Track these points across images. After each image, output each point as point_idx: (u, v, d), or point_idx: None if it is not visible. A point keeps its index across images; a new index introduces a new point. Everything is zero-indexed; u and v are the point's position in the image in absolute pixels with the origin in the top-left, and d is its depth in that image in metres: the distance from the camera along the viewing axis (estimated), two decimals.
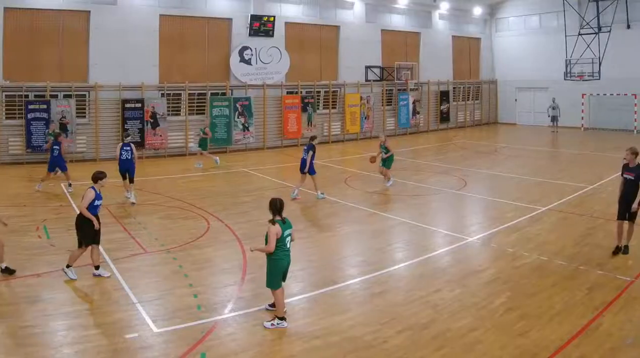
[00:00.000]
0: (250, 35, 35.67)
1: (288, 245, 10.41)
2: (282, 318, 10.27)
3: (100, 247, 13.11)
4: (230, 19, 35.25)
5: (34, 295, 11.39)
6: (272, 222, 10.26)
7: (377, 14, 42.00)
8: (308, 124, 37.85)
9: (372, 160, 23.60)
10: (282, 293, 10.47)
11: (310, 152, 20.57)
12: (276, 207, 10.32)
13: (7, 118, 29.03)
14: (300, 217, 18.43)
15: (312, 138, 21.29)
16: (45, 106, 29.33)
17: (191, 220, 17.90)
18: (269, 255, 10.35)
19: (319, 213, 19.09)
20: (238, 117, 34.95)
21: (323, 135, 38.83)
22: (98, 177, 12.89)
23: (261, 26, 35.86)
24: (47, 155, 28.71)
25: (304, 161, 20.68)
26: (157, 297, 11.48)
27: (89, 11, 30.72)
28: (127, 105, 31.46)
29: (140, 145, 30.96)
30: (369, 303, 11.24)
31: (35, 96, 29.75)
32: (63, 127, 29.56)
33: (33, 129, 29.01)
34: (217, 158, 29.17)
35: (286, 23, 37.37)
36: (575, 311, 10.76)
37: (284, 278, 10.55)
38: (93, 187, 12.78)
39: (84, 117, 30.99)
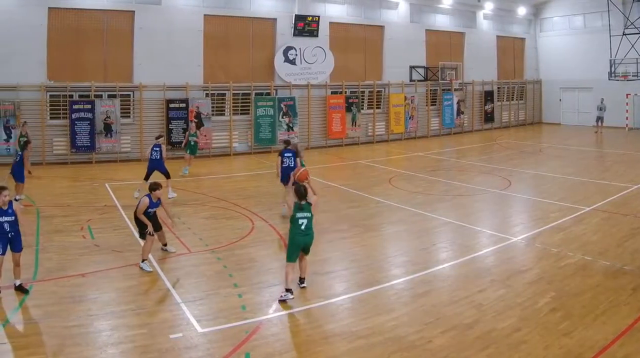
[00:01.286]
0: (294, 35, 33.91)
1: (303, 227, 10.91)
2: (288, 290, 10.81)
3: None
4: (274, 19, 33.49)
5: (79, 295, 11.01)
6: (295, 205, 11.12)
7: (421, 14, 39.79)
8: (352, 123, 35.87)
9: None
10: (291, 268, 10.94)
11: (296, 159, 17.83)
12: (300, 193, 11.12)
13: (51, 118, 27.70)
14: (345, 217, 17.47)
15: (288, 142, 18.84)
16: (89, 106, 27.92)
17: (235, 220, 17.17)
18: (289, 233, 11.20)
19: (363, 213, 18.00)
20: (282, 117, 33.21)
21: (367, 135, 37.04)
22: (153, 188, 12.93)
23: (305, 26, 34.07)
24: (93, 155, 27.73)
25: (289, 169, 17.14)
26: (202, 297, 11.07)
27: (134, 11, 29.30)
28: (172, 105, 29.99)
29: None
30: (413, 304, 10.76)
31: (80, 96, 28.33)
32: (107, 127, 28.23)
33: (78, 129, 27.61)
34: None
35: (330, 23, 35.44)
36: (619, 311, 10.34)
37: (306, 252, 11.26)
38: (149, 196, 12.83)
39: (129, 117, 29.55)
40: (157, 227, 13.21)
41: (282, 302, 10.71)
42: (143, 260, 12.68)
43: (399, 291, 11.45)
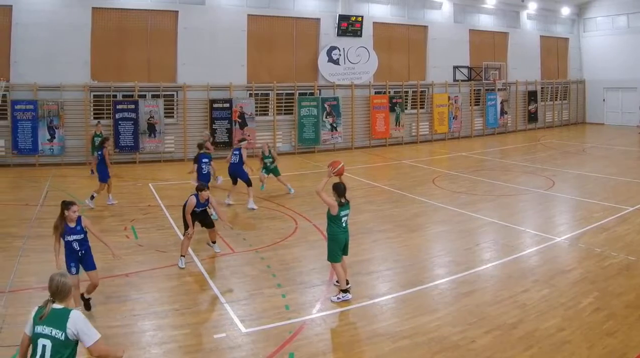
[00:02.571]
0: (338, 35, 31.79)
1: (344, 224, 10.39)
2: (346, 291, 10.32)
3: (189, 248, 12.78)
4: (318, 19, 31.45)
5: (123, 295, 10.62)
6: (338, 203, 10.35)
7: (465, 14, 37.24)
8: (396, 124, 33.66)
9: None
10: (342, 267, 10.44)
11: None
12: (340, 190, 10.41)
13: (95, 118, 26.06)
14: (388, 217, 16.64)
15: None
16: (133, 106, 26.34)
17: (279, 220, 16.45)
18: (328, 232, 10.51)
19: (407, 213, 17.10)
20: (326, 117, 31.20)
21: (411, 135, 34.78)
22: (200, 188, 12.41)
23: (349, 26, 31.95)
24: (136, 155, 26.13)
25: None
26: (245, 296, 10.64)
27: (177, 11, 27.62)
28: (215, 105, 28.26)
29: (228, 145, 27.98)
30: (457, 303, 10.24)
31: (123, 96, 26.72)
32: (151, 127, 26.60)
33: (121, 129, 26.02)
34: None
35: (374, 23, 33.18)
36: None
37: (345, 252, 10.55)
38: (196, 195, 12.33)
39: (172, 117, 27.90)
40: (210, 224, 12.83)
41: (342, 301, 10.24)
42: (181, 256, 12.25)
43: (443, 291, 10.92)
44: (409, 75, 35.01)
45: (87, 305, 9.81)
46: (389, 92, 33.70)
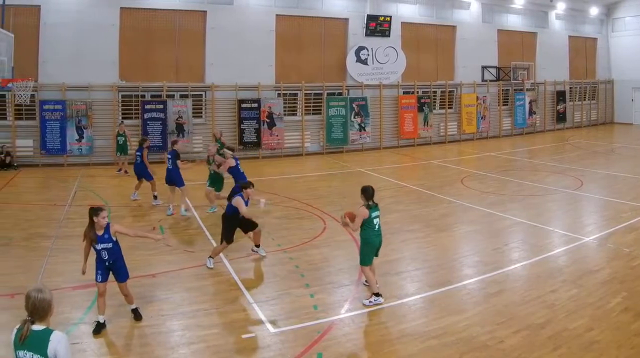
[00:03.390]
0: (366, 35, 30.25)
1: (377, 227, 9.87)
2: (378, 295, 9.88)
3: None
4: (346, 19, 29.90)
5: (150, 295, 10.20)
6: (367, 206, 9.79)
7: (493, 14, 35.37)
8: (424, 123, 32.01)
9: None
10: (372, 271, 10.09)
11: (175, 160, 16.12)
12: (369, 193, 9.93)
13: (123, 118, 24.83)
14: (417, 217, 15.99)
15: (174, 142, 16.83)
16: (161, 106, 25.05)
17: (307, 220, 15.77)
18: (361, 236, 9.99)
19: (435, 213, 16.42)
20: (354, 117, 29.69)
21: (439, 135, 33.09)
22: (244, 186, 11.77)
23: (377, 26, 30.40)
24: (165, 155, 24.90)
25: (170, 170, 16.10)
26: (274, 297, 10.24)
27: (205, 11, 26.31)
28: (244, 105, 26.91)
29: (256, 145, 26.89)
30: (485, 304, 9.88)
31: (152, 96, 25.45)
32: (179, 128, 25.38)
33: (150, 129, 24.77)
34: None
35: (402, 23, 31.53)
36: None
37: (376, 254, 10.16)
38: (241, 195, 11.53)
39: (201, 117, 26.55)
40: (252, 225, 12.03)
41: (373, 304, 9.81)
42: (210, 257, 11.70)
43: (471, 291, 10.49)
44: (437, 75, 33.31)
45: (138, 316, 9.14)
46: (417, 92, 32.08)
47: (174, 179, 15.97)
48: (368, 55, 30.41)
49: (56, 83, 23.49)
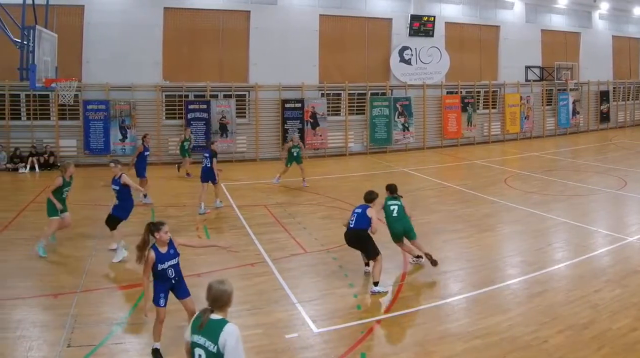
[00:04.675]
0: (410, 35, 27.48)
1: (395, 213, 9.93)
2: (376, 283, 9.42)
3: (260, 247, 11.91)
4: (390, 19, 27.19)
5: (194, 295, 8.22)
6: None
7: (536, 14, 32.10)
8: (468, 124, 29.12)
9: None
10: (416, 245, 10.37)
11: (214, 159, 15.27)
12: (392, 188, 10.20)
13: (167, 118, 22.78)
14: (460, 217, 14.78)
15: (212, 142, 16.39)
16: (205, 106, 22.87)
17: None
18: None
19: (478, 213, 15.16)
20: (398, 117, 27.02)
21: (483, 135, 30.07)
22: (372, 198, 10.20)
23: (421, 26, 27.63)
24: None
25: (207, 169, 15.24)
26: (317, 297, 9.40)
27: (249, 11, 24.03)
28: (287, 105, 24.56)
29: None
30: (529, 304, 9.01)
31: (195, 96, 23.25)
32: (223, 128, 23.22)
33: (193, 129, 22.59)
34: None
35: (446, 23, 28.66)
36: None
37: (410, 237, 10.40)
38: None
39: (244, 117, 24.25)
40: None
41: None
42: (375, 283, 9.59)
43: (515, 291, 9.76)
44: (481, 75, 30.21)
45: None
46: (461, 92, 29.16)
47: (210, 177, 15.07)
48: (412, 55, 27.69)
49: (100, 83, 21.51)
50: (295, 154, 18.47)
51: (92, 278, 10.02)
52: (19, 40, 14.49)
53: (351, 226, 9.93)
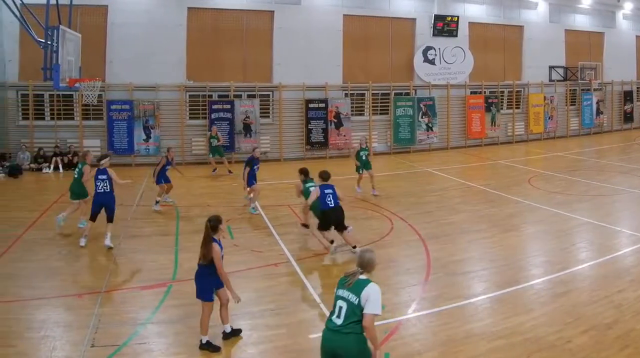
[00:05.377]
0: (433, 35, 25.87)
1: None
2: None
3: (283, 247, 11.27)
4: (413, 19, 25.59)
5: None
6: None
7: (560, 14, 30.20)
8: (492, 124, 27.39)
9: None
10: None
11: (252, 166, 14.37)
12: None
13: (190, 118, 21.51)
14: (484, 217, 13.95)
15: (255, 148, 15.12)
16: (229, 106, 21.56)
17: (375, 220, 13.77)
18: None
19: (502, 213, 14.33)
20: (422, 117, 25.44)
21: (507, 135, 28.27)
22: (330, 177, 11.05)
23: (445, 26, 26.02)
24: (232, 155, 21.69)
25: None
26: None
27: (273, 11, 22.64)
28: (311, 105, 23.11)
29: (323, 145, 23.02)
30: (553, 304, 8.47)
31: (219, 96, 21.94)
32: (247, 128, 21.96)
33: (217, 128, 21.46)
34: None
35: (470, 23, 26.96)
36: None
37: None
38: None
39: (268, 117, 22.86)
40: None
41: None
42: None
43: (538, 291, 9.09)
44: (505, 75, 28.42)
45: (238, 331, 7.50)
46: (485, 92, 27.42)
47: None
48: (435, 55, 26.10)
49: (123, 83, 20.31)
50: (364, 158, 16.54)
51: (116, 278, 9.58)
52: (43, 40, 13.71)
53: (332, 205, 10.49)
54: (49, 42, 13.54)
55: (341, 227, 10.75)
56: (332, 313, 5.32)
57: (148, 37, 20.49)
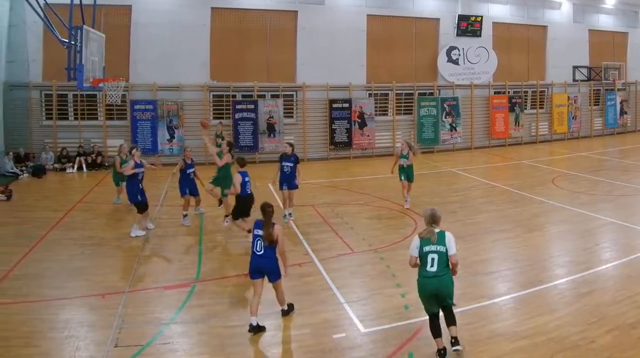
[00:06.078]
0: (457, 35, 24.27)
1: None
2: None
3: (307, 247, 10.50)
4: (437, 19, 24.01)
5: (242, 295, 8.27)
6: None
7: (584, 14, 28.34)
8: (515, 123, 25.68)
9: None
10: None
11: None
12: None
13: (214, 118, 20.20)
14: (508, 217, 13.13)
15: (292, 144, 12.82)
16: (252, 106, 20.27)
17: (398, 219, 12.99)
18: None
19: (526, 213, 13.45)
20: (445, 117, 23.87)
21: (530, 135, 26.53)
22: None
23: (468, 26, 24.40)
24: (256, 155, 20.46)
25: (291, 175, 12.20)
26: (365, 296, 8.31)
27: (297, 11, 21.30)
28: (335, 105, 21.67)
29: (347, 145, 21.58)
30: (577, 304, 7.90)
31: (243, 96, 20.66)
32: (270, 127, 20.69)
33: (240, 129, 20.13)
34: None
35: (493, 23, 25.26)
36: None
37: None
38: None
39: (292, 117, 21.50)
40: None
41: None
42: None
43: (562, 291, 8.43)
44: (528, 75, 26.66)
45: (291, 306, 7.56)
46: (509, 92, 25.71)
47: (293, 184, 12.34)
48: (459, 55, 24.51)
49: (147, 83, 19.13)
50: (404, 166, 13.74)
51: (139, 278, 9.08)
52: (67, 40, 12.93)
53: (249, 192, 10.30)
54: (72, 42, 12.86)
55: (247, 214, 10.33)
56: (424, 265, 6.29)
57: (172, 37, 19.28)
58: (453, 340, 6.24)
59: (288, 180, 12.14)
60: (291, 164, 12.10)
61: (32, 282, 8.73)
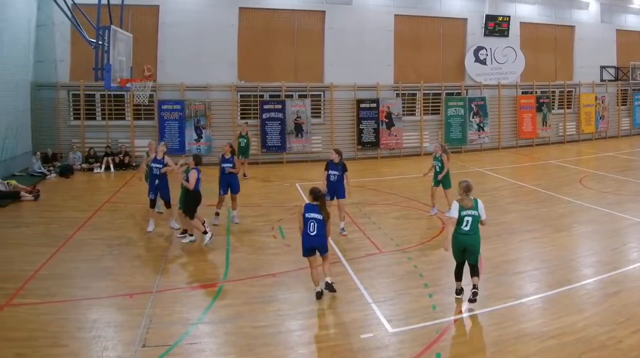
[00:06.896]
0: (485, 35, 22.37)
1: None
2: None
3: (335, 247, 9.63)
4: (465, 19, 22.21)
5: (269, 295, 7.73)
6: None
7: (611, 14, 26.25)
8: (543, 124, 23.73)
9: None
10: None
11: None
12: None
13: (242, 118, 18.79)
14: (535, 217, 12.02)
15: (339, 152, 10.67)
16: (280, 106, 18.79)
17: (426, 219, 12.01)
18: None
19: (554, 213, 12.38)
20: (473, 117, 22.07)
21: (558, 135, 24.50)
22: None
23: (496, 26, 22.52)
24: (283, 155, 19.07)
25: (338, 184, 10.40)
26: (392, 297, 7.71)
27: (324, 11, 19.69)
28: (362, 105, 20.05)
29: (375, 145, 19.97)
30: (604, 304, 7.36)
31: (270, 96, 19.17)
32: (298, 128, 19.22)
33: (268, 129, 18.68)
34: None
35: (521, 23, 23.33)
36: None
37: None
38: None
39: (319, 117, 19.92)
40: None
41: None
42: None
43: (590, 291, 7.81)
44: (556, 75, 24.64)
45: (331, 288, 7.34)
46: (536, 92, 23.73)
47: (341, 194, 10.53)
48: (487, 55, 22.66)
49: (175, 83, 17.74)
50: (437, 169, 11.98)
51: (167, 278, 8.51)
52: (94, 40, 12.17)
53: (200, 189, 9.76)
54: (100, 42, 12.16)
55: (195, 210, 9.72)
56: (459, 224, 7.02)
57: (199, 37, 17.89)
58: (473, 287, 7.05)
59: (335, 189, 10.32)
60: (338, 173, 10.32)
61: (60, 281, 8.20)
